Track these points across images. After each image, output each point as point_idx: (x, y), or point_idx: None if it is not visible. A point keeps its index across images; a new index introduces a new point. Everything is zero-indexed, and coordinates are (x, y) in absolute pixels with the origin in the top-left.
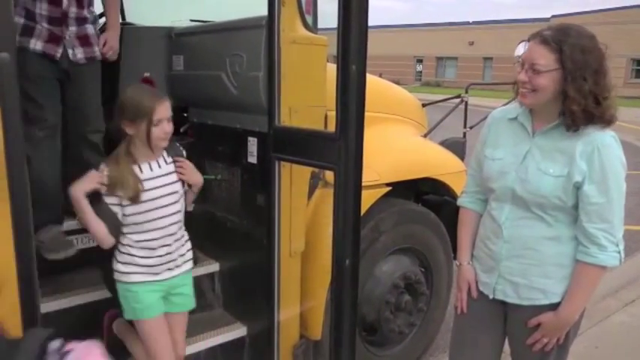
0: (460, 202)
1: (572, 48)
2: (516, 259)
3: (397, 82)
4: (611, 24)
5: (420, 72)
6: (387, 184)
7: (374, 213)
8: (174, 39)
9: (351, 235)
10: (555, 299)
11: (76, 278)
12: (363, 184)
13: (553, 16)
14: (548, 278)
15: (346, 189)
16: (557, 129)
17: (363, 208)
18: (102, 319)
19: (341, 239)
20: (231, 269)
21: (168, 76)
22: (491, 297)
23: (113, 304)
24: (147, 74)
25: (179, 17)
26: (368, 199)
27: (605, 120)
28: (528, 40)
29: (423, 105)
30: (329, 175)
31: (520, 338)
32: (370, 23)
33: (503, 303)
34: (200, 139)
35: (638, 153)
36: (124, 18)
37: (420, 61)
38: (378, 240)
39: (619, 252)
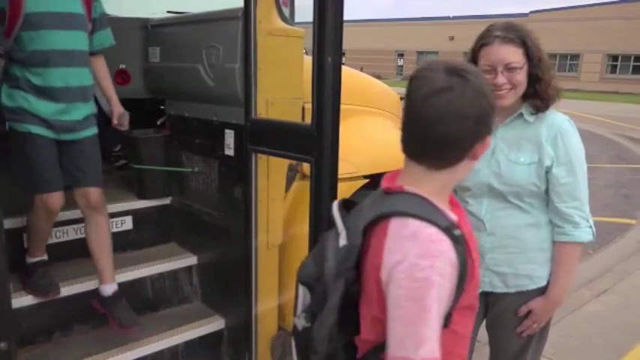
0: None
1: (530, 39)
2: (500, 250)
3: (378, 76)
4: (588, 20)
5: (401, 66)
6: (365, 177)
7: None
8: (151, 30)
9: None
10: (542, 283)
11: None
12: (340, 176)
13: (531, 12)
14: (533, 263)
15: (322, 181)
16: (519, 119)
17: None
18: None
19: (318, 231)
20: (208, 262)
21: (145, 67)
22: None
23: (86, 298)
24: (122, 66)
25: (155, 8)
26: (346, 191)
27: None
28: (481, 45)
29: (402, 98)
30: (306, 167)
31: (506, 326)
32: (353, 17)
33: (485, 295)
34: (177, 131)
35: (613, 146)
36: None
37: (401, 55)
38: None
39: (590, 226)
